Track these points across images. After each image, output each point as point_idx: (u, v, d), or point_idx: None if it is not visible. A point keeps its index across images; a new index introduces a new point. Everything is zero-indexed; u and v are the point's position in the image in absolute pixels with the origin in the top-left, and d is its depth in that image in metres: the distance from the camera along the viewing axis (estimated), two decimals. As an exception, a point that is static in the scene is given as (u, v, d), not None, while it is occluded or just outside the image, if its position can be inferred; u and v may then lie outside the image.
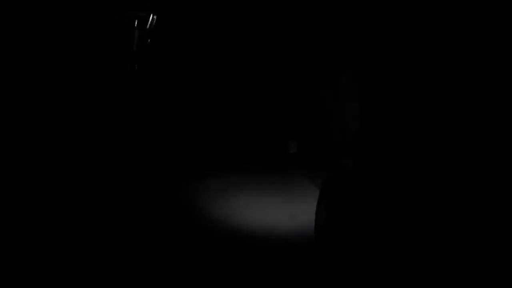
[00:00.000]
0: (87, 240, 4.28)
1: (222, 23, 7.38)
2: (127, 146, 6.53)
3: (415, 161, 2.14)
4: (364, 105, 2.47)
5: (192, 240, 4.58)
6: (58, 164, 5.74)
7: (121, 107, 6.65)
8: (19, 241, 4.05)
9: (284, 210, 5.39)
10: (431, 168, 2.10)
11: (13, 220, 4.39)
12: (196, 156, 6.94)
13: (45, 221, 4.53)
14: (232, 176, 6.50)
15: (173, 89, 7.32)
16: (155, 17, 7.03)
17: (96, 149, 6.20)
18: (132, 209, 5.16)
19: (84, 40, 6.44)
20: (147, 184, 5.95)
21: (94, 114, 6.41)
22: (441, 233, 2.05)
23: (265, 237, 4.66)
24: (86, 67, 6.50)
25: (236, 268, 4.02)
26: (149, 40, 7.07)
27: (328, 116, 6.94)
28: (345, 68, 6.21)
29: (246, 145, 7.24)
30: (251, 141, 7.30)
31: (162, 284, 3.77)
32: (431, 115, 2.15)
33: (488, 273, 1.95)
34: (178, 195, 5.78)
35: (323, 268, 3.43)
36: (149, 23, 7.01)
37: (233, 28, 7.36)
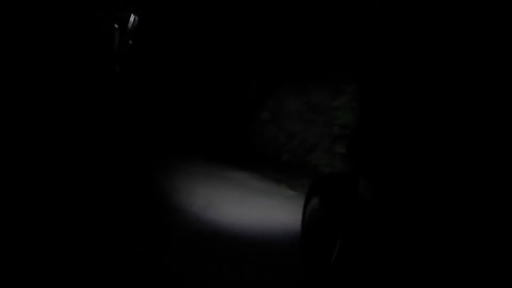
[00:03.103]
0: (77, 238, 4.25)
1: (211, 24, 7.35)
2: (114, 145, 6.47)
3: (417, 161, 2.17)
4: (364, 104, 2.50)
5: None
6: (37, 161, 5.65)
7: (106, 106, 6.59)
8: (17, 241, 4.02)
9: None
10: (432, 168, 2.11)
11: (9, 220, 4.35)
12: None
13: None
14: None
15: (155, 90, 7.30)
16: (136, 17, 7.00)
17: (77, 146, 6.13)
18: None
19: (66, 40, 6.38)
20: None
21: (78, 112, 6.34)
22: (445, 233, 2.05)
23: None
24: (66, 68, 6.44)
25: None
26: (130, 41, 7.04)
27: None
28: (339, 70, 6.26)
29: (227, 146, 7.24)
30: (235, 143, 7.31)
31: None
32: (431, 116, 2.15)
33: (486, 273, 1.94)
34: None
35: (313, 267, 3.46)
36: (130, 24, 6.98)
37: (223, 28, 7.33)
